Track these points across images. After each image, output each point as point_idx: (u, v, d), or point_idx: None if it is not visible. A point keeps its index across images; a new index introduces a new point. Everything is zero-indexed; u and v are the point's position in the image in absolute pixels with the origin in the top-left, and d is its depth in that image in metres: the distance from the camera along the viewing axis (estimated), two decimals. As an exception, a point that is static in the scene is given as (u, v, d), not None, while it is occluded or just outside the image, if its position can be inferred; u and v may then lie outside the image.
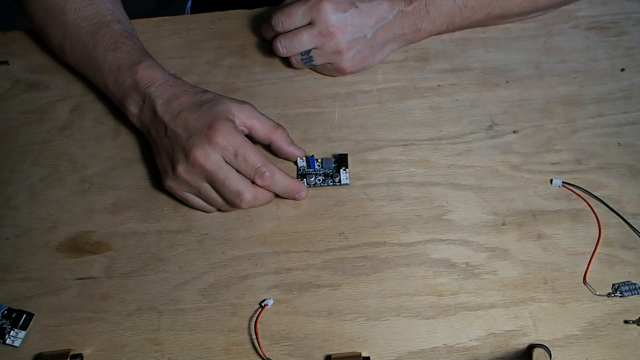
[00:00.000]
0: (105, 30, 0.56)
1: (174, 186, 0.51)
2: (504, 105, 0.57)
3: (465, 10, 0.58)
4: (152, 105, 0.51)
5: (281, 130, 0.53)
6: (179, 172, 0.49)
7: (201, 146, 0.48)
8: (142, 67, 0.53)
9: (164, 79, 0.53)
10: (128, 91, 0.53)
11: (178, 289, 0.49)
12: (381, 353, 0.45)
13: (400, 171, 0.54)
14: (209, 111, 0.49)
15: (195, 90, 0.52)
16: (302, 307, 0.48)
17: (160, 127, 0.51)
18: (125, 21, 0.59)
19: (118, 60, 0.54)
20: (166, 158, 0.51)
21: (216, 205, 0.51)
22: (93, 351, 0.47)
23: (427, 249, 0.50)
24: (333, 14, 0.54)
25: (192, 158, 0.48)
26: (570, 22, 0.62)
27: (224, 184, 0.48)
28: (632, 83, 0.58)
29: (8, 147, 0.58)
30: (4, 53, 0.65)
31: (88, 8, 0.57)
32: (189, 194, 0.51)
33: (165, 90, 0.52)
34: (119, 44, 0.55)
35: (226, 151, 0.48)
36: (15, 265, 0.51)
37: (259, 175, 0.49)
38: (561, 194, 0.52)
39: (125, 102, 0.54)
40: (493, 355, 0.45)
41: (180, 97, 0.51)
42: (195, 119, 0.49)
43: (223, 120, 0.49)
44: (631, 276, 0.47)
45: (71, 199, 0.55)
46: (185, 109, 0.50)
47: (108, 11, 0.58)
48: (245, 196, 0.49)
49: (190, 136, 0.48)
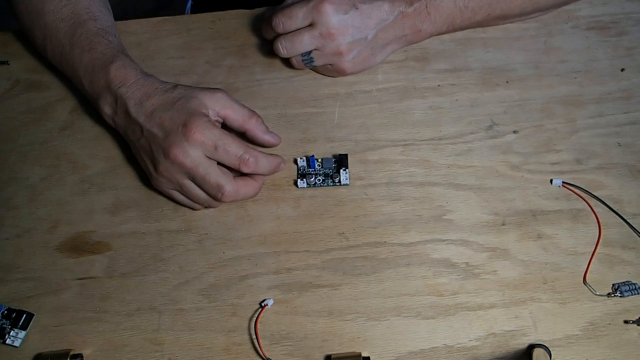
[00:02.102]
0: (81, 30, 0.56)
1: (159, 184, 0.51)
2: (504, 105, 0.57)
3: (465, 12, 0.58)
4: (125, 107, 0.51)
5: (256, 118, 0.53)
6: (160, 171, 0.49)
7: (179, 144, 0.48)
8: (114, 67, 0.53)
9: (135, 78, 0.52)
10: (101, 92, 0.53)
11: (178, 289, 0.49)
12: (381, 353, 0.45)
13: (400, 171, 0.54)
14: (183, 108, 0.49)
15: (166, 87, 0.52)
16: (302, 307, 0.48)
17: (136, 128, 0.51)
18: (102, 18, 0.58)
19: (93, 61, 0.54)
20: (146, 158, 0.51)
21: (199, 201, 0.51)
22: (93, 351, 0.47)
23: (427, 249, 0.50)
24: (334, 15, 0.54)
25: (171, 156, 0.48)
26: (570, 22, 0.62)
27: (205, 179, 0.49)
28: (632, 83, 0.58)
29: (8, 147, 0.58)
30: (4, 53, 0.65)
31: (65, 9, 0.57)
32: (174, 191, 0.51)
33: (136, 90, 0.52)
34: (94, 44, 0.55)
35: (205, 146, 0.48)
36: (15, 265, 0.51)
37: (243, 162, 0.49)
38: (561, 194, 0.52)
39: (100, 103, 0.53)
40: (493, 355, 0.45)
41: (152, 97, 0.51)
42: (170, 118, 0.49)
43: (197, 115, 0.49)
44: (631, 276, 0.47)
45: (71, 199, 0.55)
46: (158, 107, 0.50)
47: (84, 10, 0.57)
48: (227, 189, 0.49)
49: (167, 135, 0.49)
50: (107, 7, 0.61)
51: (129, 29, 0.65)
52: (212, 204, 0.52)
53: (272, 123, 0.57)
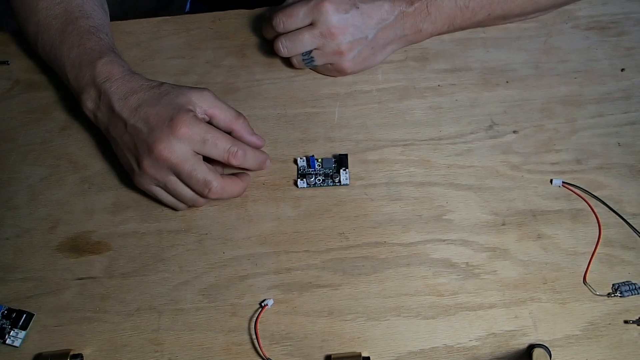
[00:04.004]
0: (72, 27, 0.56)
1: (142, 182, 0.50)
2: (504, 105, 0.57)
3: (466, 11, 0.58)
4: (109, 101, 0.51)
5: (242, 120, 0.52)
6: (144, 168, 0.49)
7: (165, 139, 0.47)
8: (101, 62, 0.53)
9: (121, 74, 0.52)
10: (85, 86, 0.53)
11: (178, 289, 0.49)
12: (381, 353, 0.45)
13: (400, 171, 0.54)
14: (169, 104, 0.49)
15: (152, 84, 0.52)
16: (302, 307, 0.48)
17: (119, 123, 0.50)
18: (94, 16, 0.58)
19: (80, 57, 0.54)
20: (129, 154, 0.50)
21: (184, 199, 0.51)
22: (93, 351, 0.47)
23: (427, 249, 0.50)
24: (334, 14, 0.54)
25: (156, 152, 0.47)
26: (570, 22, 0.62)
27: (191, 175, 0.48)
28: (632, 83, 0.58)
29: (8, 147, 0.58)
30: (4, 53, 0.65)
31: (58, 6, 0.57)
32: (157, 188, 0.51)
33: (121, 85, 0.51)
34: (83, 41, 0.55)
35: (193, 141, 0.48)
36: (15, 265, 0.51)
37: (232, 155, 0.49)
38: (561, 194, 0.52)
39: (82, 97, 0.53)
40: (493, 355, 0.45)
41: (137, 92, 0.51)
42: (156, 113, 0.49)
43: (184, 111, 0.48)
44: (631, 276, 0.47)
45: (71, 199, 0.55)
46: (143, 103, 0.50)
47: (77, 7, 0.58)
48: (213, 185, 0.49)
49: (152, 130, 0.48)
50: (102, 7, 0.61)
51: (129, 29, 0.65)
52: (197, 202, 0.51)
53: (272, 123, 0.58)
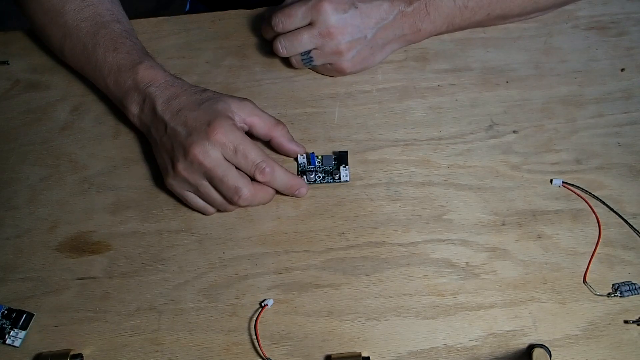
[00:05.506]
0: (105, 31, 0.56)
1: (175, 184, 0.51)
2: (504, 105, 0.57)
3: (465, 11, 0.58)
4: (153, 105, 0.52)
5: (282, 127, 0.53)
6: (178, 170, 0.49)
7: (200, 143, 0.48)
8: (142, 67, 0.53)
9: (164, 79, 0.53)
10: (128, 91, 0.53)
11: (178, 289, 0.49)
12: (381, 353, 0.45)
13: (400, 171, 0.54)
14: (209, 109, 0.50)
15: (195, 89, 0.52)
16: (302, 307, 0.48)
17: (160, 126, 0.51)
18: (124, 21, 0.59)
19: (118, 61, 0.55)
20: (166, 156, 0.51)
21: (215, 204, 0.51)
22: (93, 351, 0.47)
23: (427, 249, 0.50)
24: (333, 14, 0.54)
25: (191, 155, 0.48)
26: (570, 22, 0.62)
27: (222, 181, 0.48)
28: (632, 83, 0.57)
29: (8, 147, 0.58)
30: (4, 53, 0.65)
31: (87, 9, 0.57)
32: (189, 193, 0.51)
33: (165, 89, 0.52)
34: (119, 45, 0.55)
35: (226, 148, 0.48)
36: (15, 265, 0.51)
37: (259, 170, 0.49)
38: (561, 194, 0.52)
39: (126, 102, 0.54)
40: (493, 355, 0.45)
41: (180, 96, 0.51)
42: (195, 117, 0.49)
43: (222, 117, 0.49)
44: (631, 276, 0.47)
45: (71, 199, 0.55)
46: (185, 107, 0.50)
47: (107, 11, 0.58)
48: (244, 192, 0.49)
49: (189, 134, 0.49)
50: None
51: (129, 29, 0.65)
52: (227, 207, 0.51)
53: (272, 123, 0.57)
